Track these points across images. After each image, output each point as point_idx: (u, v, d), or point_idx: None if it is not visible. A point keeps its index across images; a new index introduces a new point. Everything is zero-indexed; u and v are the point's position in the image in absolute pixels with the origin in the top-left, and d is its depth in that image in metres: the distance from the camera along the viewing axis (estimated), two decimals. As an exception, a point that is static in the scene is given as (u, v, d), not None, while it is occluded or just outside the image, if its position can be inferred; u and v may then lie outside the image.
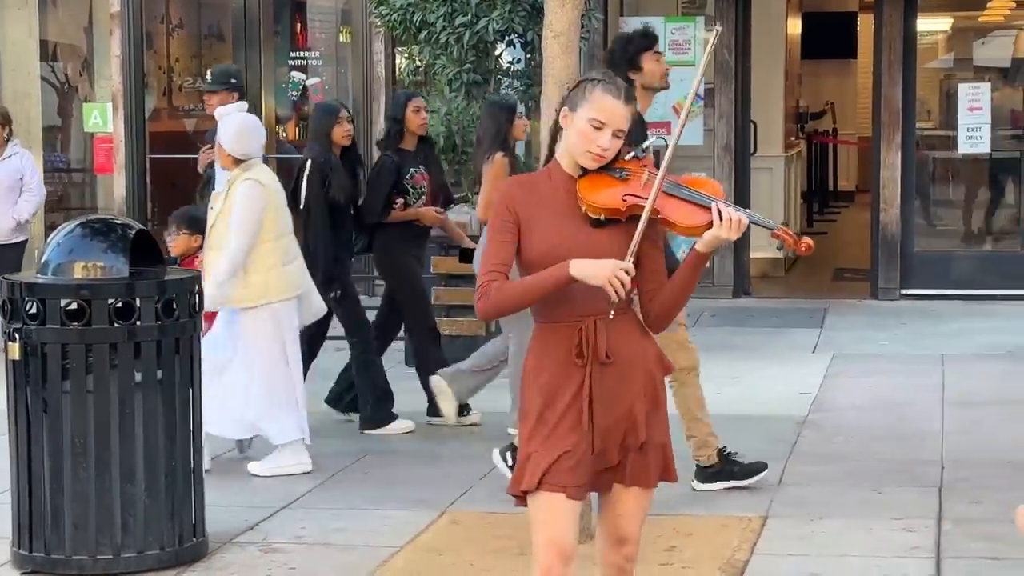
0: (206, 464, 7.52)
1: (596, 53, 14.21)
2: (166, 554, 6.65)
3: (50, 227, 15.10)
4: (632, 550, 4.90)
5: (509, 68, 12.36)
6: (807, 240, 4.68)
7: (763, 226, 4.67)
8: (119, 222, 7.15)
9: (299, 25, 15.92)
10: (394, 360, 10.30)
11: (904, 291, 13.84)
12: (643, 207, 4.52)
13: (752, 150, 14.67)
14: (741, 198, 14.26)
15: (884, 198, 13.99)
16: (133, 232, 6.88)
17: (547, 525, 4.65)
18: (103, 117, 14.93)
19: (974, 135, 14.03)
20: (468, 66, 11.61)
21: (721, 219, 4.51)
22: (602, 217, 4.56)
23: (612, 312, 4.54)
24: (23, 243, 12.08)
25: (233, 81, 9.89)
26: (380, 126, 14.17)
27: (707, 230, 4.53)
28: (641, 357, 4.69)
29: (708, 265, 13.86)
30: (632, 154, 4.64)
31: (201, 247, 8.38)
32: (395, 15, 11.86)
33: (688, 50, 14.24)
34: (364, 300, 9.89)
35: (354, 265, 10.13)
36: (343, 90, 15.18)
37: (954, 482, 7.89)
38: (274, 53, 15.64)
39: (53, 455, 6.55)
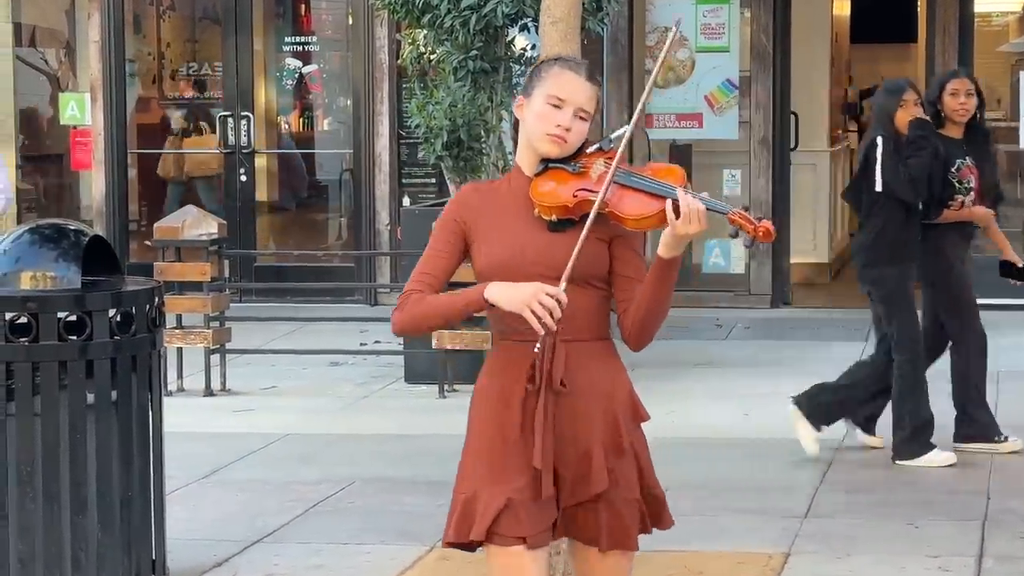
0: None
1: (620, 38, 14.19)
2: (122, 591, 6.64)
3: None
4: None
5: (522, 55, 12.30)
6: (766, 224, 4.20)
7: (717, 211, 4.20)
8: (72, 227, 7.09)
9: (299, 8, 15.92)
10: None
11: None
12: (592, 202, 4.23)
13: (793, 145, 14.59)
14: (780, 198, 14.23)
15: (938, 197, 13.89)
16: (87, 239, 6.84)
17: None
18: (80, 108, 14.96)
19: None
20: (475, 52, 11.52)
21: (677, 214, 4.12)
22: (554, 218, 4.31)
23: (537, 347, 4.23)
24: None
25: None
26: (383, 116, 14.27)
27: (662, 222, 4.17)
28: (605, 394, 4.36)
29: (743, 271, 14.24)
30: (596, 146, 4.33)
31: None
32: (397, -3, 11.83)
33: (721, 34, 14.19)
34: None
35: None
36: (343, 79, 15.19)
37: (1000, 514, 7.83)
38: (273, 38, 15.67)
39: (-5, 487, 6.54)
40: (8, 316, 6.49)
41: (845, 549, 7.30)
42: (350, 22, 14.93)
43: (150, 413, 6.75)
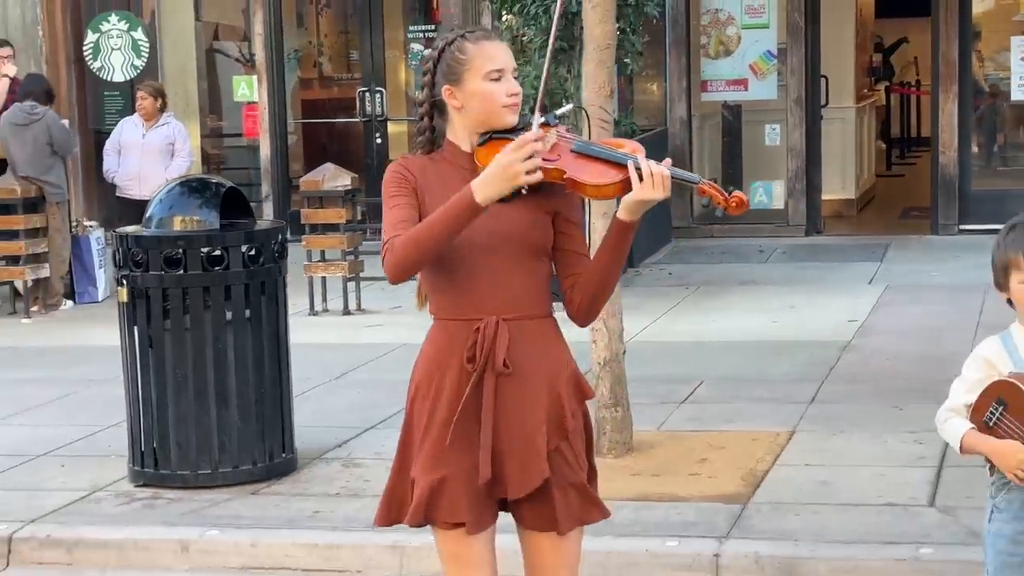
0: None
1: (678, 19, 14.08)
2: (257, 469, 6.76)
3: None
4: None
5: (596, 35, 12.25)
6: (738, 195, 3.57)
7: (686, 181, 3.55)
8: (213, 181, 7.23)
9: (421, 3, 15.92)
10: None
11: (962, 227, 13.55)
12: (549, 170, 3.47)
13: (824, 102, 14.41)
14: (813, 146, 14.08)
15: (943, 142, 13.71)
16: (224, 189, 6.96)
17: (458, 565, 3.65)
18: (249, 88, 15.10)
19: (1025, 83, 13.69)
20: (555, 34, 11.51)
21: (641, 177, 3.44)
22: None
23: (524, 190, 3.45)
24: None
25: None
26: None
27: (621, 191, 3.50)
28: (549, 374, 3.58)
29: (783, 207, 14.13)
30: (542, 119, 3.53)
31: None
32: (496, -10, 11.87)
33: (763, 13, 14.03)
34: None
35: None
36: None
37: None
38: (401, 28, 15.70)
39: (158, 385, 6.68)
40: (163, 252, 6.65)
41: (840, 428, 7.26)
42: (460, 12, 14.91)
43: (278, 327, 6.85)
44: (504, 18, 12.51)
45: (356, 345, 9.90)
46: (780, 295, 11.10)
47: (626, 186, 3.50)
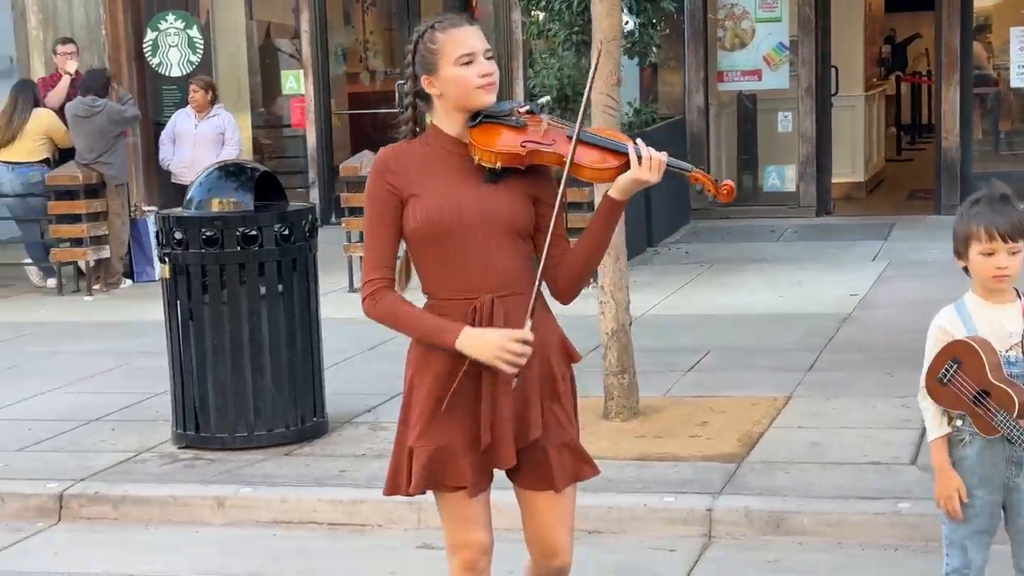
0: None
1: (696, 14, 14.06)
2: (290, 432, 6.84)
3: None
4: (565, 561, 3.71)
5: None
6: (728, 184, 3.59)
7: (679, 169, 3.54)
8: (249, 166, 7.29)
9: (457, 2, 15.94)
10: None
11: (964, 207, 13.47)
12: (548, 154, 3.51)
13: (834, 91, 14.36)
14: (822, 132, 14.04)
15: (945, 128, 13.65)
16: (259, 174, 7.03)
17: (457, 524, 3.66)
18: (296, 81, 15.18)
19: (1024, 71, 13.61)
20: (577, 28, 11.52)
21: (640, 161, 3.46)
22: (498, 166, 3.52)
23: (515, 382, 3.50)
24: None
25: None
26: (518, 80, 14.28)
27: (615, 175, 3.50)
28: (540, 343, 3.54)
29: (794, 189, 14.10)
30: (527, 108, 3.57)
31: None
32: (523, -11, 11.93)
33: (775, 8, 13.99)
34: None
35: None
36: (486, 52, 15.22)
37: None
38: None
39: (199, 355, 6.76)
40: (203, 232, 6.74)
41: (835, 393, 7.26)
42: (492, 9, 14.93)
43: (309, 301, 6.91)
44: (532, 14, 12.53)
45: (390, 319, 9.92)
46: (788, 272, 11.09)
47: (622, 169, 3.50)
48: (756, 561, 5.36)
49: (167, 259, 6.78)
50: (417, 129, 3.65)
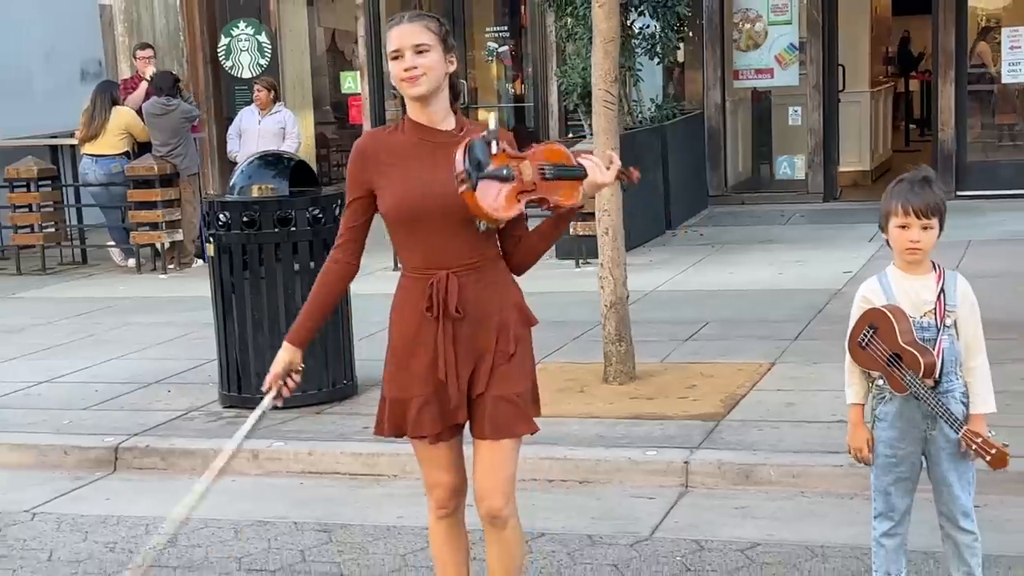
0: None
1: (713, 17, 14.05)
2: (322, 393, 6.98)
3: (320, 163, 15.67)
4: (492, 505, 3.70)
5: (639, 32, 12.29)
6: (635, 172, 3.74)
7: (623, 175, 3.71)
8: (286, 156, 7.43)
9: (496, 6, 16.03)
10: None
11: (959, 193, 13.41)
12: (535, 197, 3.55)
13: (841, 87, 14.31)
14: (830, 126, 14.00)
15: (942, 121, 13.58)
16: (294, 163, 7.17)
17: (427, 466, 3.82)
18: (354, 81, 15.32)
19: (1015, 69, 13.49)
20: (600, 32, 11.56)
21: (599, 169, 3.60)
22: (501, 225, 3.61)
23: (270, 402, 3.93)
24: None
25: None
26: (552, 79, 14.34)
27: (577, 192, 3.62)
28: (497, 309, 3.65)
29: (803, 177, 14.08)
30: (482, 136, 3.47)
31: None
32: (555, -4, 12.01)
33: (786, 11, 13.96)
34: None
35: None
36: (525, 54, 15.27)
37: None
38: (480, 28, 15.81)
39: (240, 325, 6.91)
40: (243, 214, 6.88)
41: (815, 360, 7.29)
42: (528, 15, 14.99)
43: (339, 276, 7.03)
44: (561, 19, 12.59)
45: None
46: (792, 251, 11.10)
47: (581, 188, 3.62)
48: (726, 508, 5.44)
49: (212, 239, 6.93)
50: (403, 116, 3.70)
